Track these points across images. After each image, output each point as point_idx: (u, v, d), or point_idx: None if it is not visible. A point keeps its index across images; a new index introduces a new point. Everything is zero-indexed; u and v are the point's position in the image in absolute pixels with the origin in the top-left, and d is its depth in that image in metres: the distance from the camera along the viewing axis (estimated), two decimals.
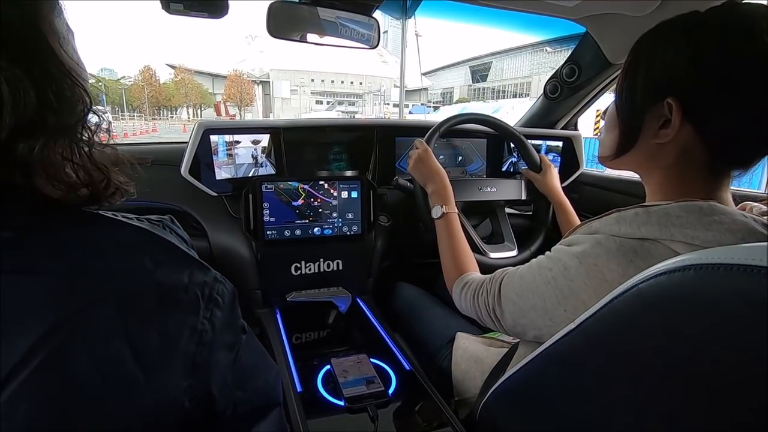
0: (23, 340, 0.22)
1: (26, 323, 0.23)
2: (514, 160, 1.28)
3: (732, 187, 0.48)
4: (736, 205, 0.47)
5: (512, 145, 1.24)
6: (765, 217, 0.43)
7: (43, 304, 0.23)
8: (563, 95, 1.26)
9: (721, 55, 0.41)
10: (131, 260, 0.27)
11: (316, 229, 0.95)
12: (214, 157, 0.96)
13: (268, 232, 0.91)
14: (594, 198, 1.24)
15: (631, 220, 0.44)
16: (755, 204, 0.52)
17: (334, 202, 0.96)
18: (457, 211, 0.81)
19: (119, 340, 0.25)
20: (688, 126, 0.44)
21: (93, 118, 0.30)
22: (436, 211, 0.81)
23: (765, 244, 0.27)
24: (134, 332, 0.25)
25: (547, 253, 0.53)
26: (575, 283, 0.46)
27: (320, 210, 0.95)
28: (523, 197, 1.08)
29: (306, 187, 0.93)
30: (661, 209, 0.43)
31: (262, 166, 1.04)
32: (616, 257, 0.43)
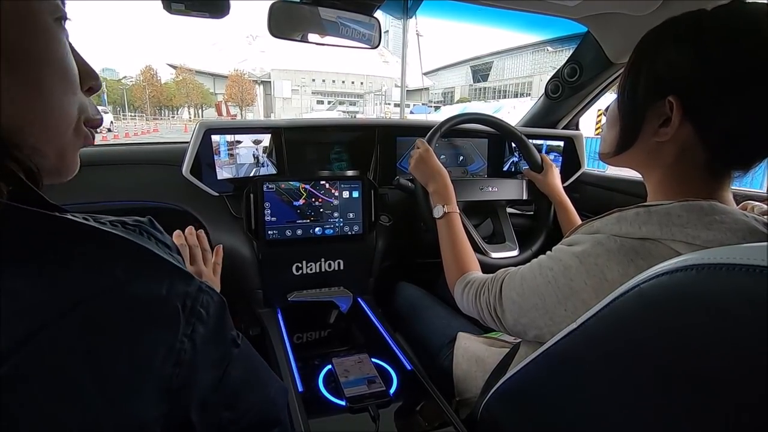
0: None
1: None
2: (515, 159, 1.27)
3: (733, 187, 0.48)
4: (737, 205, 0.47)
5: (513, 145, 1.24)
6: (766, 217, 0.43)
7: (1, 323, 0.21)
8: (564, 95, 1.26)
9: (724, 55, 0.41)
10: (100, 272, 0.24)
11: (317, 229, 0.95)
12: (216, 157, 0.96)
13: (269, 232, 0.91)
14: (595, 198, 1.24)
15: (632, 220, 0.44)
16: (756, 203, 0.52)
17: (336, 202, 0.96)
18: (458, 210, 0.81)
19: (80, 364, 0.22)
20: (688, 125, 0.44)
21: None
22: (437, 211, 0.81)
23: (766, 243, 0.27)
24: (99, 354, 0.22)
25: (548, 252, 0.53)
26: (576, 283, 0.46)
27: (321, 210, 0.95)
28: (525, 197, 1.08)
29: (307, 186, 0.93)
30: (662, 209, 0.43)
31: (263, 166, 1.04)
32: (616, 257, 0.43)
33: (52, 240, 0.24)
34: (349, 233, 0.98)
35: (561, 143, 1.28)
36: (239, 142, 0.99)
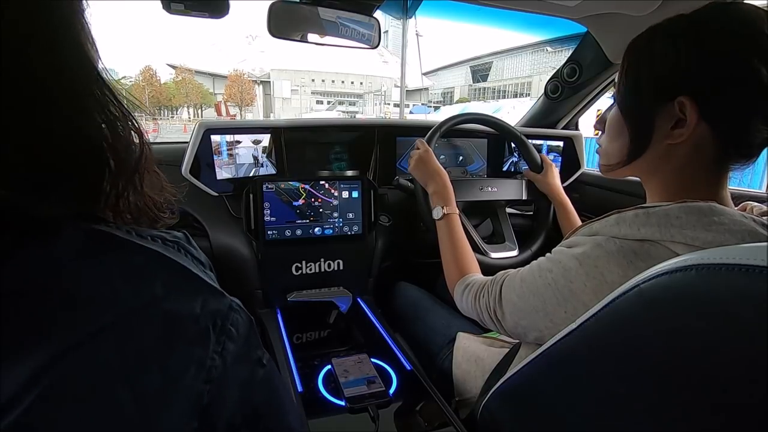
0: (16, 375, 0.20)
1: (21, 355, 0.20)
2: (514, 159, 1.28)
3: (732, 187, 0.48)
4: (736, 206, 0.47)
5: (513, 145, 1.24)
6: (765, 218, 0.43)
7: (37, 334, 0.21)
8: (564, 95, 1.26)
9: (729, 48, 0.41)
10: (139, 285, 0.25)
11: (316, 229, 0.95)
12: (215, 157, 0.96)
13: (268, 232, 0.91)
14: (595, 198, 1.24)
15: (631, 222, 0.44)
16: (756, 204, 0.52)
17: (335, 202, 0.96)
18: (458, 211, 0.81)
19: (117, 377, 0.22)
20: (703, 123, 0.44)
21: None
22: (436, 212, 0.81)
23: (766, 244, 0.27)
24: (134, 368, 0.23)
25: (548, 254, 0.53)
26: (575, 285, 0.46)
27: (321, 210, 0.95)
28: (524, 197, 1.08)
29: (307, 186, 0.93)
30: (661, 210, 0.43)
31: (262, 166, 1.04)
32: (616, 259, 0.43)
33: (96, 252, 0.25)
34: (349, 233, 0.98)
35: (560, 143, 1.28)
36: (239, 142, 0.99)
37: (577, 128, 1.38)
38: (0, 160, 0.22)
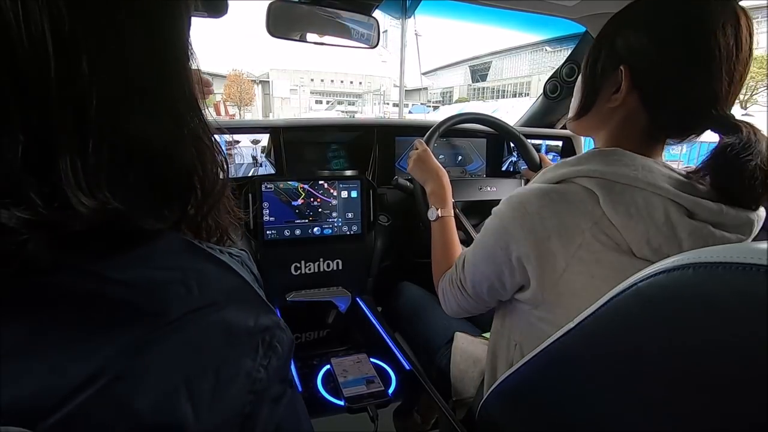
0: (87, 363, 0.21)
1: (92, 345, 0.22)
2: (513, 159, 1.28)
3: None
4: None
5: (512, 145, 1.24)
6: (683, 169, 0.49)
7: (111, 325, 0.22)
8: (563, 95, 1.27)
9: (671, 35, 0.47)
10: (206, 289, 0.27)
11: (315, 229, 0.95)
12: None
13: (267, 232, 0.91)
14: None
15: (554, 169, 0.53)
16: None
17: (334, 202, 0.96)
18: (453, 214, 0.81)
19: (178, 371, 0.23)
20: (635, 93, 0.50)
21: None
22: (431, 214, 0.81)
23: (765, 243, 0.27)
24: (193, 367, 0.24)
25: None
26: (505, 221, 0.53)
27: (320, 210, 0.95)
28: None
29: (306, 186, 0.93)
30: (575, 158, 0.52)
31: (261, 166, 1.04)
32: (535, 193, 0.51)
33: (180, 257, 0.28)
34: (348, 233, 0.98)
35: (559, 143, 1.28)
36: (238, 141, 0.99)
37: None
38: (124, 183, 0.25)
